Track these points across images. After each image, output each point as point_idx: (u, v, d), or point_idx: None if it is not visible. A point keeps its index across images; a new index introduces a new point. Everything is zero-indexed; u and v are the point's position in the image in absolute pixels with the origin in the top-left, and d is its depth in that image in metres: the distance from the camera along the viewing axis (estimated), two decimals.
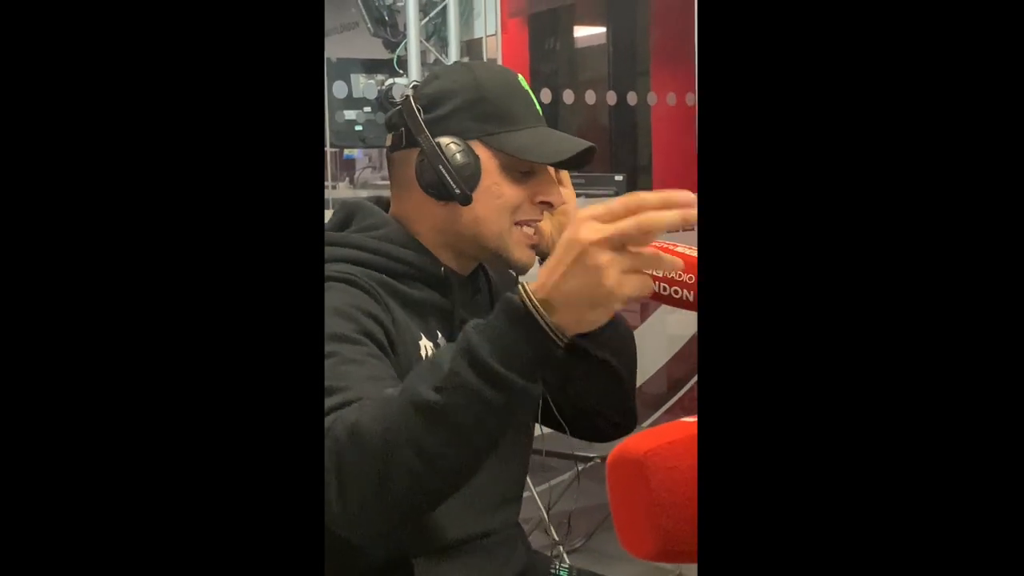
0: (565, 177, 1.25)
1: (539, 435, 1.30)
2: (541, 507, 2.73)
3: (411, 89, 1.16)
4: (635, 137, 4.82)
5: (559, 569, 1.28)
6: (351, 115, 3.12)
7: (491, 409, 0.83)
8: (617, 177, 3.51)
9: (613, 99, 3.73)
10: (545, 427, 1.29)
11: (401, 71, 3.09)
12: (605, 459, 0.74)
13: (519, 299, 0.83)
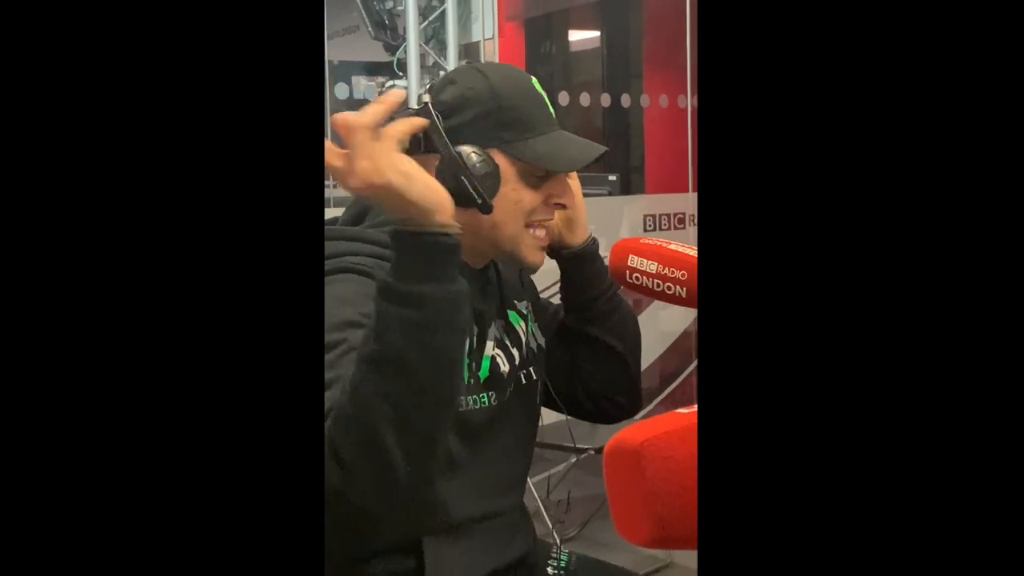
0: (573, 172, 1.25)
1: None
2: (536, 497, 2.74)
3: (427, 95, 1.13)
4: (628, 138, 4.82)
5: (560, 553, 1.29)
6: None
7: (421, 328, 0.88)
8: (611, 177, 3.52)
9: (607, 101, 3.73)
10: (542, 422, 1.29)
11: (401, 73, 3.09)
12: (599, 451, 0.74)
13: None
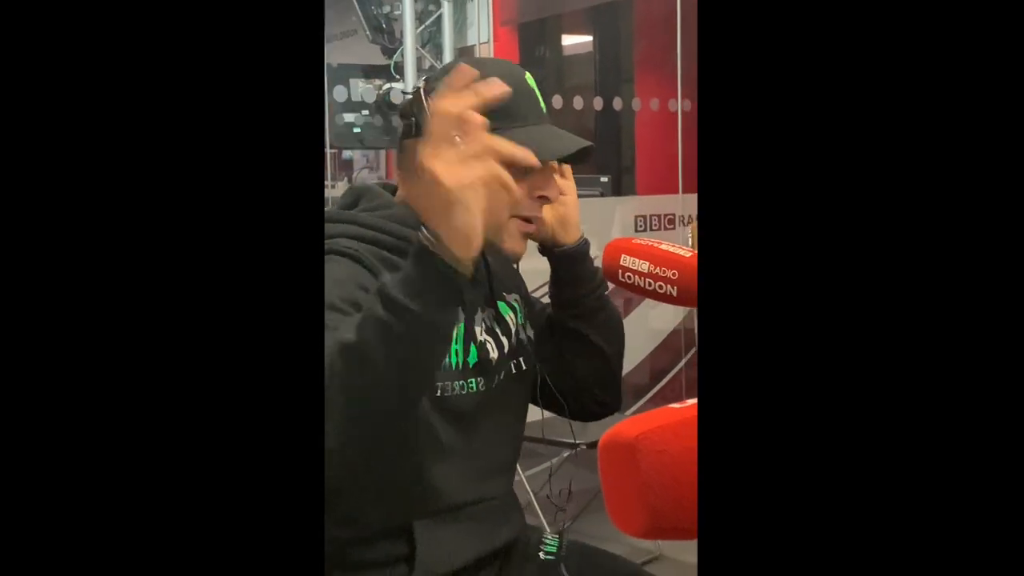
0: (567, 170, 1.25)
1: (531, 421, 1.30)
2: (529, 490, 2.74)
3: (423, 82, 1.15)
4: (620, 140, 4.82)
5: (551, 538, 1.29)
6: (350, 118, 3.12)
7: (398, 339, 0.87)
8: (603, 178, 3.52)
9: (599, 104, 3.73)
10: (542, 416, 1.29)
11: (398, 76, 3.09)
12: (591, 446, 0.74)
13: (418, 238, 0.88)
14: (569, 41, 5.68)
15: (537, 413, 1.29)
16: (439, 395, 1.10)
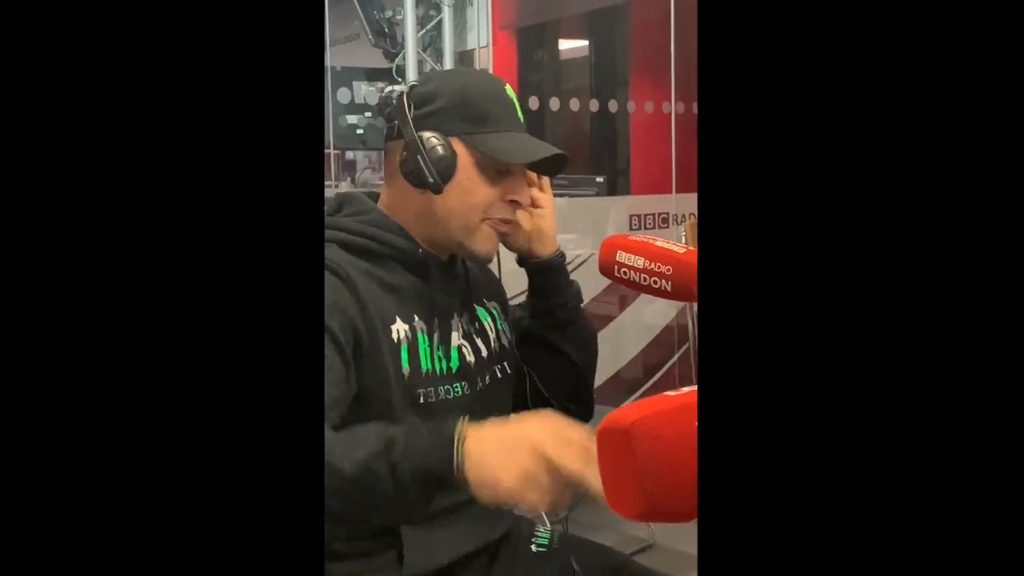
0: (546, 183, 1.26)
1: None
2: None
3: (407, 87, 1.19)
4: (615, 142, 4.82)
5: (542, 530, 1.29)
6: (353, 120, 3.13)
7: (386, 500, 0.89)
8: (598, 179, 3.52)
9: (595, 107, 3.73)
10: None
11: (400, 79, 3.09)
12: None
13: (454, 438, 0.88)
14: (566, 45, 5.68)
15: None
16: (423, 403, 1.11)
